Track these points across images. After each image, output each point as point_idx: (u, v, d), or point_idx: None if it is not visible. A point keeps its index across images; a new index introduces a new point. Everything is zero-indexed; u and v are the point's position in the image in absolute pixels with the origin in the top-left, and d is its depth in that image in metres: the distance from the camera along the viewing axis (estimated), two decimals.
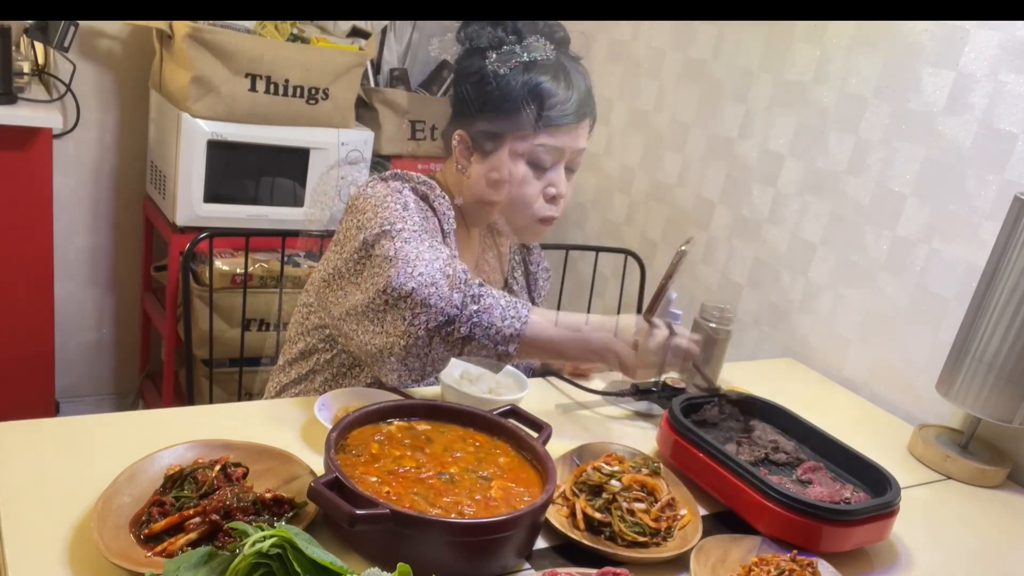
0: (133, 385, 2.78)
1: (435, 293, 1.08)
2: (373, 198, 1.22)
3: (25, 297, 2.16)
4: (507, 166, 1.28)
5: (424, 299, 1.07)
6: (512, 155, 1.27)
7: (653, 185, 2.24)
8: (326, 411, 1.11)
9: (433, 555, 0.84)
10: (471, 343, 1.09)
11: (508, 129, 1.26)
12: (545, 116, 1.25)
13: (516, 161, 1.27)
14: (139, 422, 1.11)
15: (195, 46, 2.07)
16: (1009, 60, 1.44)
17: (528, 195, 1.29)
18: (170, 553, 0.80)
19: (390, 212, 1.19)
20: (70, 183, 2.46)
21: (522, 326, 1.10)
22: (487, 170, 1.30)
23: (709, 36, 2.05)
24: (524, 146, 1.26)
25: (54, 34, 2.07)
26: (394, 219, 1.18)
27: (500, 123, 1.26)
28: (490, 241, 1.48)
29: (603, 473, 1.02)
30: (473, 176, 1.32)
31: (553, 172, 1.30)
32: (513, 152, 1.27)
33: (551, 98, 1.25)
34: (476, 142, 1.30)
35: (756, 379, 1.58)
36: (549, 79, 1.26)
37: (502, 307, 1.10)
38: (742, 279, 1.97)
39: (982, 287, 1.32)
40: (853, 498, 1.08)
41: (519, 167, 1.28)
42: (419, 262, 1.10)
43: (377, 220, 1.18)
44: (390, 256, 1.12)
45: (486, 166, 1.30)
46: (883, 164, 1.65)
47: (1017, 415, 1.30)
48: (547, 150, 1.27)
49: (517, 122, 1.25)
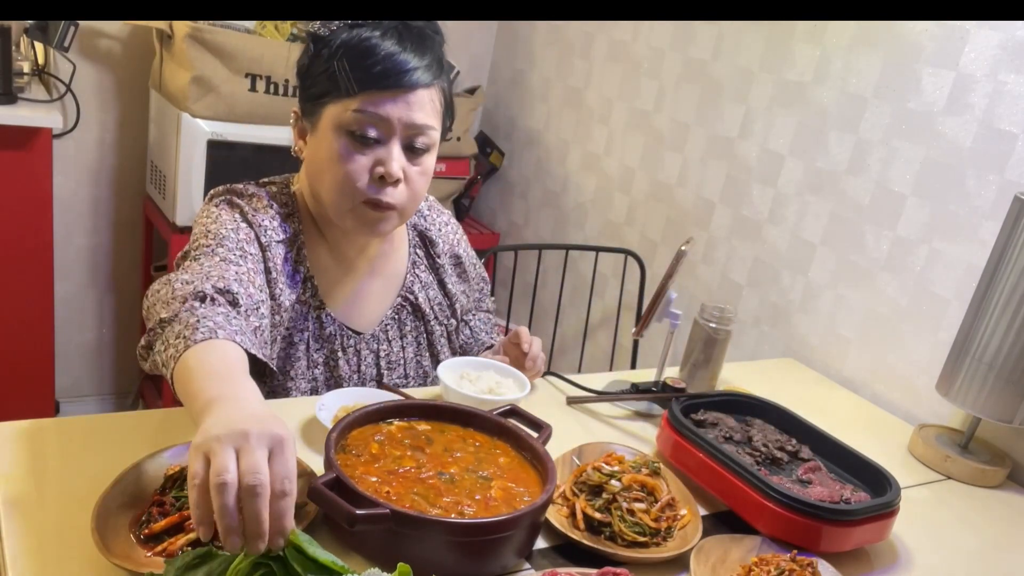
0: (133, 385, 2.78)
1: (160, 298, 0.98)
2: (196, 218, 1.17)
3: (25, 297, 2.16)
4: (327, 140, 1.10)
5: (151, 303, 0.99)
6: (330, 126, 1.10)
7: (653, 185, 2.24)
8: (326, 411, 1.11)
9: (433, 555, 0.84)
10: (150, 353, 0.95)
11: (324, 95, 1.09)
12: (361, 79, 1.07)
13: (335, 134, 1.10)
14: (139, 422, 1.10)
15: (195, 46, 2.07)
16: (1009, 60, 1.44)
17: (350, 172, 1.10)
18: (170, 553, 0.80)
19: (198, 228, 1.13)
20: (70, 183, 2.46)
21: (178, 355, 0.87)
22: (311, 148, 1.14)
23: (709, 36, 2.05)
24: (340, 113, 1.09)
25: (54, 34, 2.07)
26: (197, 235, 1.12)
27: (317, 89, 1.10)
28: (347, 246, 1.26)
29: (603, 473, 1.02)
30: (305, 157, 1.17)
31: (382, 149, 1.10)
32: (330, 122, 1.10)
33: (370, 57, 1.06)
34: (304, 116, 1.16)
35: (756, 379, 1.58)
36: (376, 36, 1.08)
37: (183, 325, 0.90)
38: (742, 279, 1.97)
39: (982, 287, 1.32)
40: (853, 498, 1.08)
41: (337, 140, 1.10)
42: (176, 279, 1.01)
43: (190, 239, 1.13)
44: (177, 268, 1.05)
45: (311, 143, 1.15)
46: (883, 164, 1.65)
47: (1017, 415, 1.30)
48: (368, 118, 1.08)
49: (333, 86, 1.08)
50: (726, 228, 2.01)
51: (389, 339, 1.31)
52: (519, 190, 2.83)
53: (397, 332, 1.33)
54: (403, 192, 1.14)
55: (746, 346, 1.95)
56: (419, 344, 1.36)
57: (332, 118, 1.10)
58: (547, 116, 2.67)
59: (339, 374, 1.27)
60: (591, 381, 1.44)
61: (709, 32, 2.05)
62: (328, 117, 1.11)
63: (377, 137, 1.11)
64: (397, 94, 1.09)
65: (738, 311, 1.96)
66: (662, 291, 1.32)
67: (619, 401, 1.39)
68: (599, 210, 2.45)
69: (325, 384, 1.27)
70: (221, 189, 1.19)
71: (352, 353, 1.28)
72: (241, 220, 1.14)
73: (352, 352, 1.28)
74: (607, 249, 2.20)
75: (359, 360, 1.28)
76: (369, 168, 1.11)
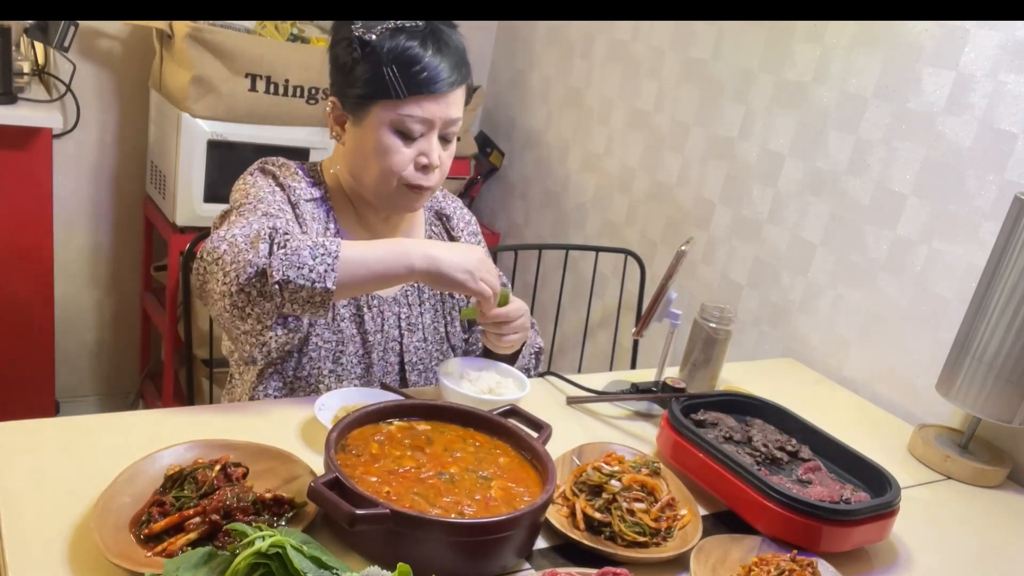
0: (133, 385, 2.78)
1: (243, 247, 1.09)
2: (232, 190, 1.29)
3: (25, 297, 2.16)
4: (375, 135, 1.24)
5: (232, 256, 1.08)
6: (379, 124, 1.23)
7: (653, 185, 2.24)
8: (326, 411, 1.11)
9: (433, 555, 0.84)
10: (288, 287, 1.07)
11: (374, 97, 1.22)
12: (411, 85, 1.21)
13: (383, 130, 1.23)
14: (139, 422, 1.11)
15: (195, 46, 2.07)
16: (1009, 60, 1.44)
17: (396, 164, 1.25)
18: (170, 553, 0.80)
19: (237, 194, 1.26)
20: (70, 183, 2.46)
21: (334, 260, 1.08)
22: (357, 138, 1.27)
23: (709, 36, 2.05)
24: (390, 115, 1.22)
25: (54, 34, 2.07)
26: (237, 199, 1.24)
27: (366, 91, 1.22)
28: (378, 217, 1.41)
29: (603, 473, 1.02)
30: (347, 145, 1.30)
31: (424, 141, 1.25)
32: (380, 121, 1.23)
33: (416, 66, 1.20)
34: (346, 109, 1.27)
35: (756, 379, 1.58)
36: (416, 45, 1.21)
37: (310, 247, 1.09)
38: (742, 279, 1.97)
39: (982, 287, 1.32)
40: (853, 498, 1.08)
41: (387, 136, 1.24)
42: (237, 227, 1.13)
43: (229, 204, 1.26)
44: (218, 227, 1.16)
45: (356, 134, 1.27)
46: (883, 164, 1.65)
47: (1017, 415, 1.30)
48: (415, 120, 1.23)
49: (383, 90, 1.21)
50: (726, 228, 2.01)
51: (409, 303, 1.39)
52: (519, 190, 2.83)
53: (416, 298, 1.40)
54: (437, 174, 1.29)
55: (746, 346, 1.95)
56: (436, 311, 1.43)
57: (380, 116, 1.23)
58: (547, 116, 2.67)
59: (365, 329, 1.34)
60: (591, 381, 1.44)
61: (709, 32, 2.05)
62: (376, 114, 1.23)
63: (421, 132, 1.25)
64: (438, 97, 1.23)
65: (738, 311, 1.96)
66: (662, 291, 1.32)
67: (619, 401, 1.39)
68: (599, 210, 2.45)
69: (351, 339, 1.32)
70: (255, 163, 1.33)
71: (376, 312, 1.35)
72: (274, 183, 1.29)
73: (376, 311, 1.35)
74: (607, 249, 2.20)
75: (383, 320, 1.36)
76: (413, 158, 1.26)
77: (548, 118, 2.66)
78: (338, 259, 1.09)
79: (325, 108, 1.31)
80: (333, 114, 1.30)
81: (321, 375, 1.30)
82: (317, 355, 1.30)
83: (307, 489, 0.84)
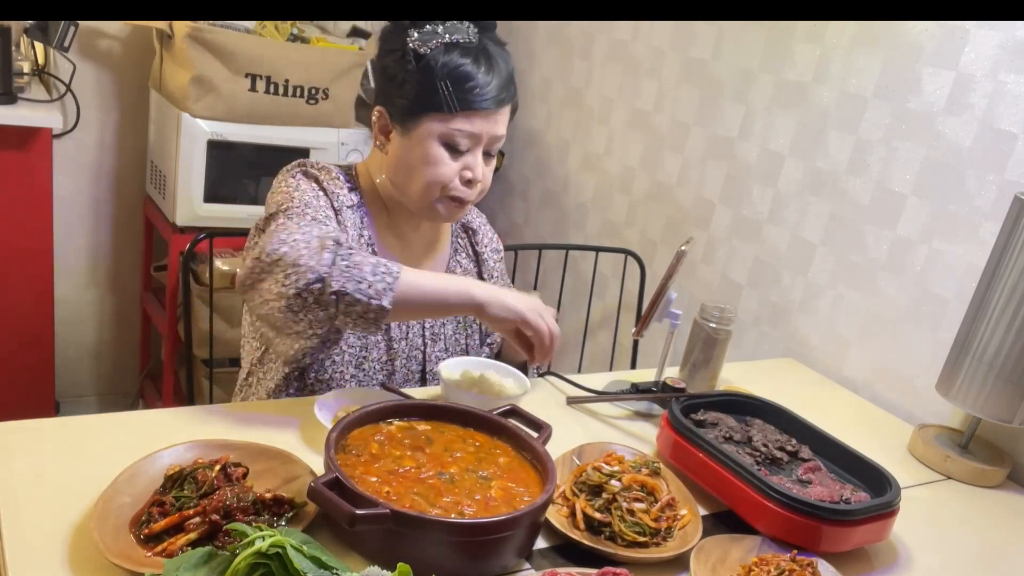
0: (133, 385, 2.78)
1: (305, 253, 1.09)
2: (273, 189, 1.30)
3: (25, 297, 2.16)
4: (423, 146, 1.26)
5: (294, 260, 1.09)
6: (428, 135, 1.25)
7: (653, 185, 2.24)
8: (326, 411, 1.11)
9: (433, 555, 0.84)
10: (345, 299, 1.08)
11: (425, 110, 1.24)
12: (462, 100, 1.23)
13: (432, 142, 1.25)
14: (139, 422, 1.11)
15: (195, 46, 2.07)
16: (1009, 60, 1.44)
17: (443, 175, 1.27)
18: (170, 553, 0.80)
19: (281, 195, 1.26)
20: (70, 183, 2.46)
21: (394, 280, 1.10)
22: (404, 148, 1.29)
23: (709, 36, 2.05)
24: (440, 128, 1.24)
25: (54, 34, 2.07)
26: (283, 200, 1.24)
27: (417, 103, 1.24)
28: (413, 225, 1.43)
29: (603, 473, 1.02)
30: (391, 153, 1.31)
31: (470, 156, 1.28)
32: (430, 132, 1.25)
33: (469, 82, 1.23)
34: (394, 119, 1.29)
35: (756, 379, 1.58)
36: (469, 63, 1.24)
37: (372, 264, 1.11)
38: (742, 279, 1.97)
39: (982, 287, 1.32)
40: (853, 498, 1.08)
41: (435, 148, 1.26)
42: (295, 230, 1.14)
43: (271, 205, 1.26)
44: (271, 230, 1.16)
45: (403, 144, 1.28)
46: (883, 164, 1.65)
47: (1017, 415, 1.30)
48: (463, 135, 1.25)
49: (434, 104, 1.23)
50: (726, 228, 2.01)
51: None
52: (519, 190, 2.83)
53: None
54: (478, 188, 1.32)
55: (746, 346, 1.95)
56: (458, 322, 1.46)
57: (430, 128, 1.25)
58: (547, 116, 2.67)
59: (391, 336, 1.36)
60: (591, 381, 1.44)
61: (709, 32, 2.05)
62: (425, 127, 1.25)
63: (467, 147, 1.27)
64: (488, 114, 1.27)
65: (738, 311, 1.96)
66: (662, 291, 1.32)
67: (619, 401, 1.39)
68: (599, 210, 2.45)
69: (375, 345, 1.34)
70: (294, 164, 1.34)
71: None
72: (318, 188, 1.30)
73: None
74: (607, 249, 2.20)
75: (408, 328, 1.38)
76: (458, 171, 1.28)
77: (548, 118, 2.66)
78: (398, 280, 1.10)
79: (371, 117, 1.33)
80: (379, 123, 1.31)
81: (343, 379, 1.31)
82: (341, 359, 1.30)
83: (307, 489, 0.84)
